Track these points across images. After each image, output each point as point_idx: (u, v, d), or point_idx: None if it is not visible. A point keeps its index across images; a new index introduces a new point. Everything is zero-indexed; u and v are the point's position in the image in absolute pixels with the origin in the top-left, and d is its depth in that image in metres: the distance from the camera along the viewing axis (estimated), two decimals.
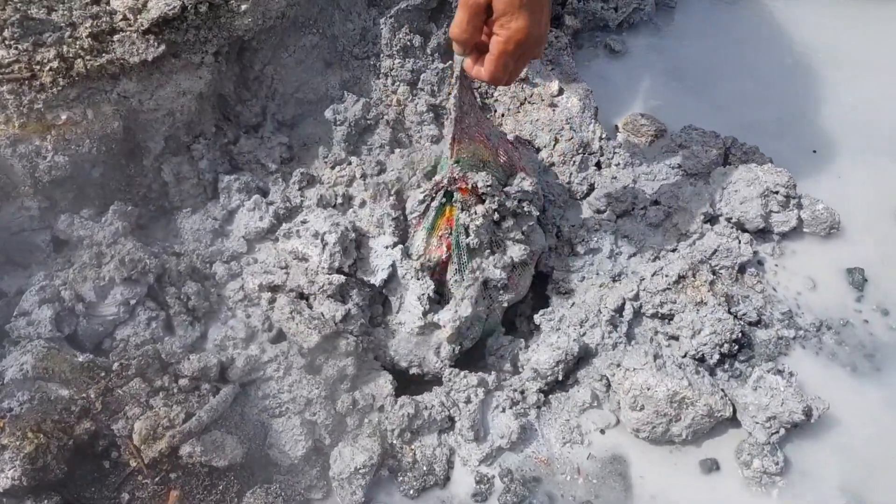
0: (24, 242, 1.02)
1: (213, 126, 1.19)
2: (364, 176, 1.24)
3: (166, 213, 1.15)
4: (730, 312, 1.13)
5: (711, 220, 1.27)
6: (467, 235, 1.07)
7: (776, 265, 1.26)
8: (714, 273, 1.19)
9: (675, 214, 1.26)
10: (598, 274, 1.20)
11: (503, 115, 1.41)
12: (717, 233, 1.22)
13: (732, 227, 1.24)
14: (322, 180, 1.25)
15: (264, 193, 1.21)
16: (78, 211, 1.06)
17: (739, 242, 1.21)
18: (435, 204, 1.09)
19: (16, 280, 1.01)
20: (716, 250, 1.20)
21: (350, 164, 1.26)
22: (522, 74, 1.38)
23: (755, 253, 1.24)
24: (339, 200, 1.21)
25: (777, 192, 1.25)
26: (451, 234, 1.08)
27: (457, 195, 1.07)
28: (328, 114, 1.27)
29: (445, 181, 1.07)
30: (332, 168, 1.26)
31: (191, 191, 1.15)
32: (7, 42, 0.96)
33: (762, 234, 1.27)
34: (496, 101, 1.42)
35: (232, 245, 1.14)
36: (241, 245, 1.14)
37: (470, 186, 1.06)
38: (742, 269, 1.21)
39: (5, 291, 1.00)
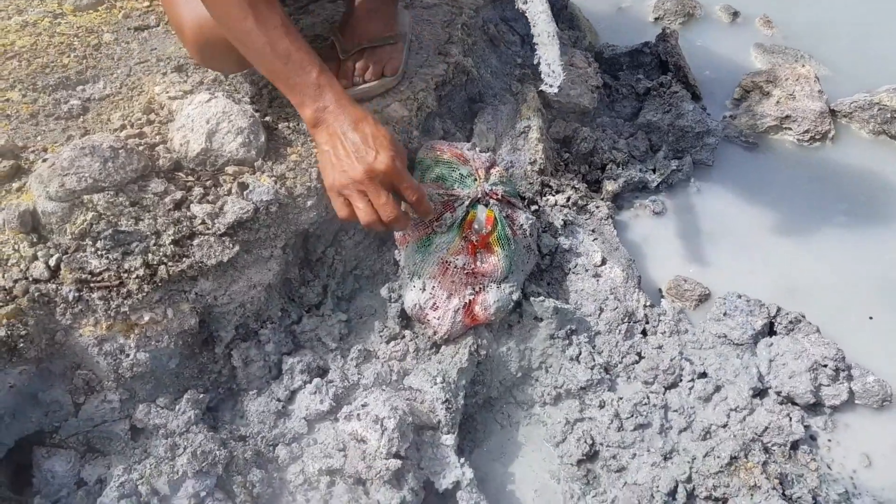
0: (105, 432, 1.09)
1: (280, 310, 1.27)
2: (417, 350, 1.30)
3: (234, 394, 1.22)
4: (784, 496, 1.13)
5: (760, 393, 1.28)
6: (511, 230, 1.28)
7: (829, 440, 1.26)
8: (766, 451, 1.19)
9: (723, 388, 1.28)
10: (649, 451, 1.22)
11: (549, 284, 1.47)
12: (767, 409, 1.23)
13: (783, 403, 1.25)
14: (378, 355, 1.31)
15: (324, 371, 1.27)
16: (154, 399, 1.13)
17: (791, 420, 1.22)
18: (463, 208, 1.26)
19: (96, 469, 1.08)
20: (767, 427, 1.21)
21: (404, 337, 1.32)
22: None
23: (807, 427, 1.25)
24: (395, 377, 1.27)
25: (826, 366, 1.27)
26: (486, 231, 1.24)
27: (492, 202, 1.28)
28: (384, 292, 1.34)
29: (479, 194, 1.27)
30: (387, 343, 1.32)
31: (257, 373, 1.22)
32: (99, 252, 1.07)
33: (813, 407, 1.28)
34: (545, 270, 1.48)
35: (294, 426, 1.19)
36: (303, 426, 1.19)
37: (500, 195, 1.30)
38: (795, 445, 1.22)
39: (86, 480, 1.07)
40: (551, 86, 1.39)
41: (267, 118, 1.32)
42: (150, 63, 1.44)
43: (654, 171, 1.74)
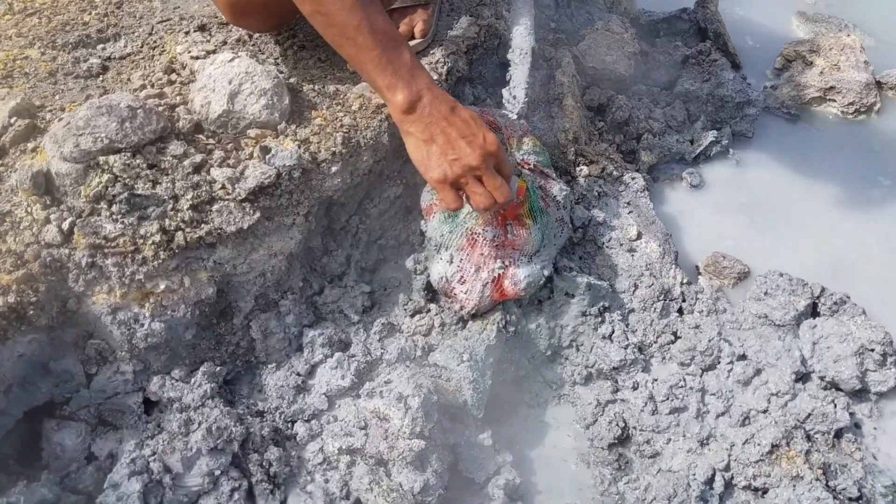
0: (118, 404, 1.05)
1: (301, 280, 1.22)
2: (443, 325, 1.25)
3: (252, 367, 1.18)
4: (828, 487, 1.07)
5: (803, 378, 1.22)
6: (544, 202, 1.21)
7: (875, 428, 1.19)
8: (809, 439, 1.13)
9: (764, 371, 1.22)
10: (684, 436, 1.16)
11: (581, 258, 1.41)
12: (810, 395, 1.17)
13: (827, 389, 1.19)
14: (402, 329, 1.26)
15: (346, 345, 1.22)
16: (169, 371, 1.09)
17: (835, 407, 1.15)
18: None
19: (107, 443, 1.04)
20: (810, 414, 1.15)
21: (429, 311, 1.27)
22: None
23: (852, 415, 1.18)
24: (419, 353, 1.22)
25: (872, 350, 1.20)
26: (517, 202, 1.15)
27: (525, 172, 1.22)
28: (409, 263, 1.29)
29: (511, 163, 1.19)
30: (412, 317, 1.27)
31: (276, 345, 1.18)
32: (114, 217, 1.02)
33: (858, 393, 1.22)
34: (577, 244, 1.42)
35: (313, 402, 1.14)
36: (323, 402, 1.14)
37: (533, 165, 1.25)
38: (839, 434, 1.15)
39: (96, 455, 1.03)
40: (511, 112, 1.36)
41: (291, 80, 1.26)
42: (172, 21, 1.39)
43: (691, 142, 1.67)
